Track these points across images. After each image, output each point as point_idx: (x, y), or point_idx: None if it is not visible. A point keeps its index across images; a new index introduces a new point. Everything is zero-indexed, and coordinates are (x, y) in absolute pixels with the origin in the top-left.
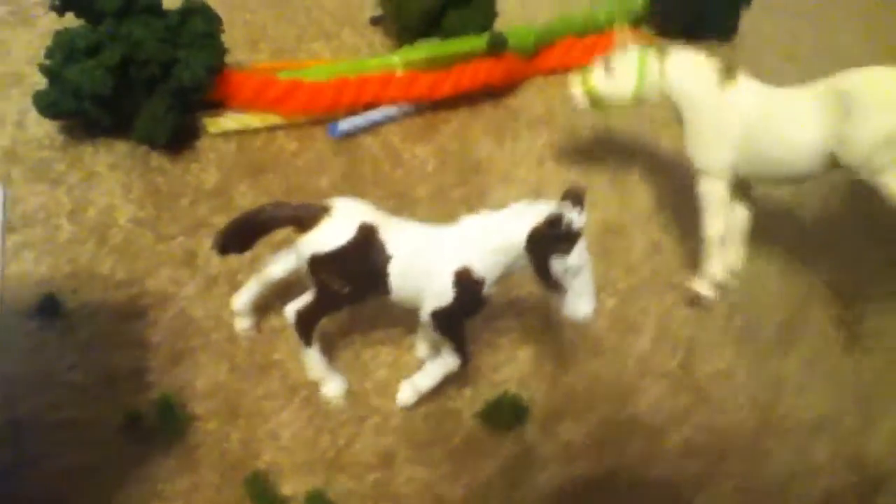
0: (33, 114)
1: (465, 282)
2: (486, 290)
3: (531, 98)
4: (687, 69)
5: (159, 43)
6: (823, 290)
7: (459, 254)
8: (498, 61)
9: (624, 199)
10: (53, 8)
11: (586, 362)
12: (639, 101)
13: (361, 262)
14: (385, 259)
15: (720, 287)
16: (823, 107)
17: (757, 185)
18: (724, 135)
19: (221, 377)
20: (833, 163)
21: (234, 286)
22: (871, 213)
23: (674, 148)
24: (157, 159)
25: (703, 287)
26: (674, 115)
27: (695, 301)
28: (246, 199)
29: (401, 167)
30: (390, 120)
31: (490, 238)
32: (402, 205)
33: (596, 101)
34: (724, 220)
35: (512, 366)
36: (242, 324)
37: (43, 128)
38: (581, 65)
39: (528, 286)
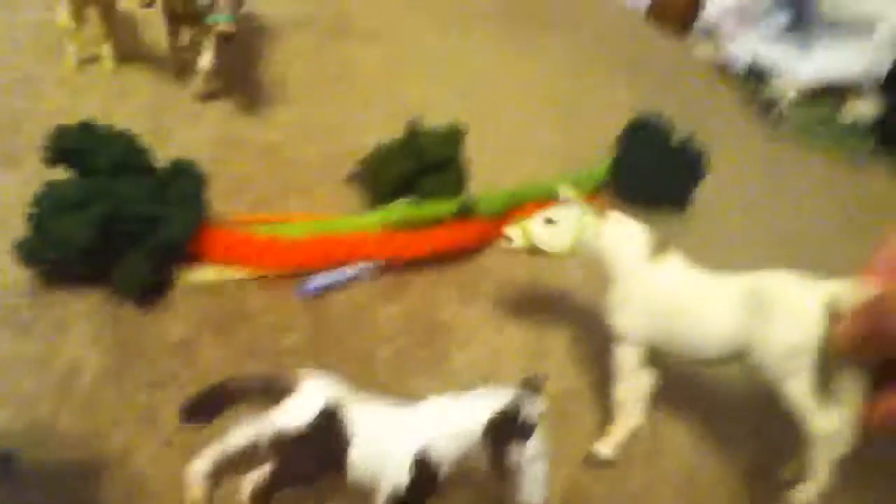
0: (8, 260)
1: (423, 465)
2: (442, 474)
3: (497, 259)
4: (621, 236)
5: (146, 201)
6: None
7: (419, 436)
8: (468, 224)
9: (583, 364)
10: (46, 161)
11: None
12: (572, 255)
13: (322, 447)
14: (345, 445)
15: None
16: (741, 302)
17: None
18: (644, 308)
19: None
20: (742, 356)
21: (191, 447)
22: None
23: None
24: (127, 310)
25: (605, 447)
26: (601, 275)
27: (593, 460)
28: (211, 353)
29: (367, 326)
30: (360, 278)
31: (451, 424)
32: (364, 366)
33: (531, 248)
34: (634, 385)
35: None
36: (195, 494)
37: (16, 273)
38: None
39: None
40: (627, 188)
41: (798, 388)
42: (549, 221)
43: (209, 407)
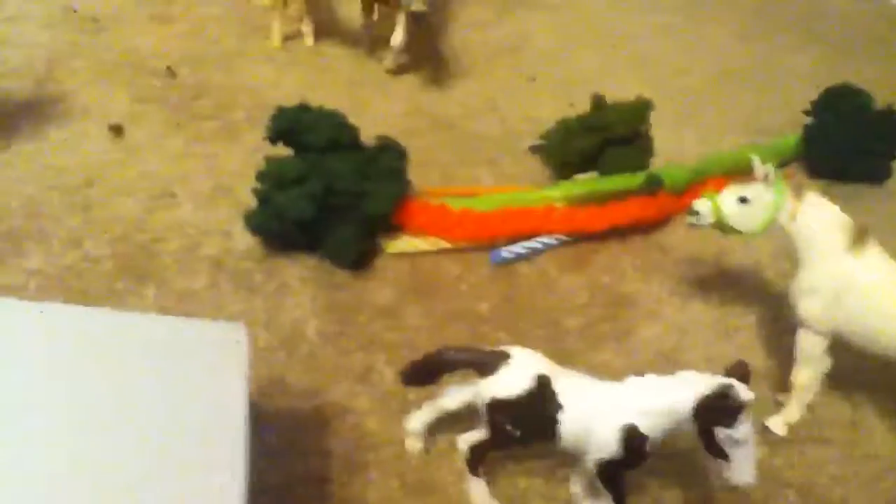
0: (239, 227)
1: (631, 438)
2: (650, 446)
3: (679, 235)
4: (819, 220)
5: (355, 176)
6: None
7: (628, 411)
8: (651, 199)
9: (765, 342)
10: (269, 139)
11: None
12: (759, 233)
13: (535, 412)
14: (557, 410)
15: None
16: None
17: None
18: (835, 298)
19: (393, 493)
20: None
21: (406, 403)
22: None
23: None
24: (340, 275)
25: (777, 426)
26: (791, 256)
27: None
28: (413, 317)
29: (554, 296)
30: (546, 249)
31: (658, 400)
32: (553, 334)
33: (719, 224)
34: (816, 372)
35: None
36: (414, 444)
37: (246, 241)
38: None
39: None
40: (820, 160)
41: None
42: (743, 200)
43: (427, 373)
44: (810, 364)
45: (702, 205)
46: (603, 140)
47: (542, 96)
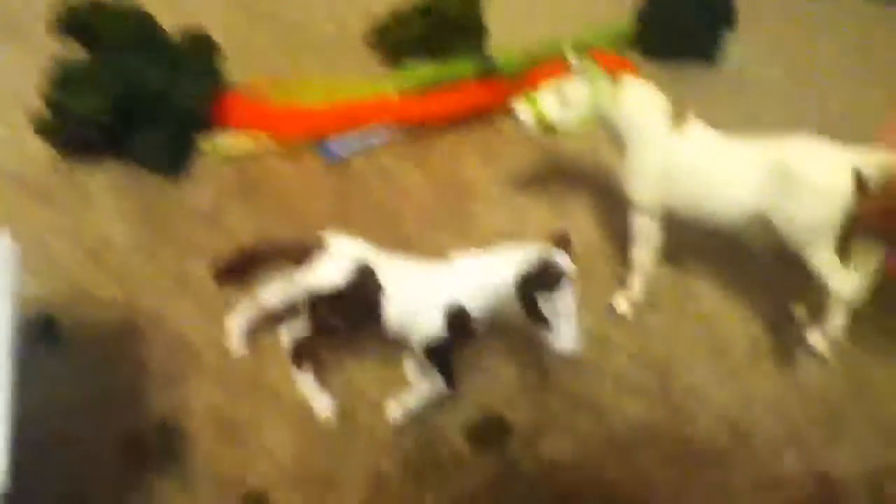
0: (28, 133)
1: (456, 318)
2: (476, 325)
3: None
4: (639, 103)
5: (159, 71)
6: (788, 308)
7: (450, 291)
8: (488, 85)
9: (601, 221)
10: (57, 31)
11: (568, 381)
12: (586, 128)
13: (358, 299)
14: (379, 297)
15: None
16: (764, 172)
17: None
18: (662, 176)
19: (216, 398)
20: (762, 223)
21: (227, 307)
22: None
23: None
24: (152, 181)
25: (620, 305)
26: (615, 144)
27: (610, 313)
28: (238, 222)
29: (391, 189)
30: (382, 142)
31: (481, 277)
32: (391, 228)
33: (544, 127)
34: (651, 249)
35: (496, 386)
36: (235, 345)
37: (44, 151)
38: None
39: None
40: (652, 41)
41: (820, 255)
42: (561, 96)
43: (240, 269)
44: (646, 242)
45: (522, 111)
46: (435, 26)
47: None
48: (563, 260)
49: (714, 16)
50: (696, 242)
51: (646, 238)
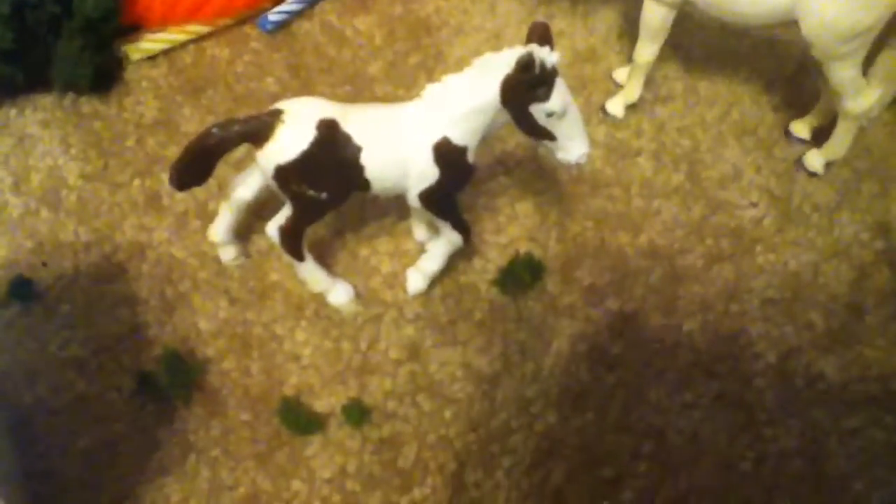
0: None
1: (447, 154)
2: (470, 156)
3: None
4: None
5: None
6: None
7: (432, 126)
8: None
9: (587, 22)
10: None
11: (590, 200)
12: None
13: (331, 163)
14: (355, 152)
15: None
16: None
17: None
18: None
19: (223, 313)
20: (789, 23)
21: (208, 217)
22: None
23: None
24: (87, 104)
25: (616, 108)
26: None
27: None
28: (192, 122)
29: (346, 47)
30: None
31: (461, 102)
32: (358, 87)
33: None
34: (657, 46)
35: (515, 224)
36: (227, 254)
37: None
38: None
39: (511, 139)
40: None
41: (844, 71)
42: None
43: (197, 167)
44: (654, 36)
45: None
46: None
47: None
48: (547, 56)
49: None
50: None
51: (655, 31)
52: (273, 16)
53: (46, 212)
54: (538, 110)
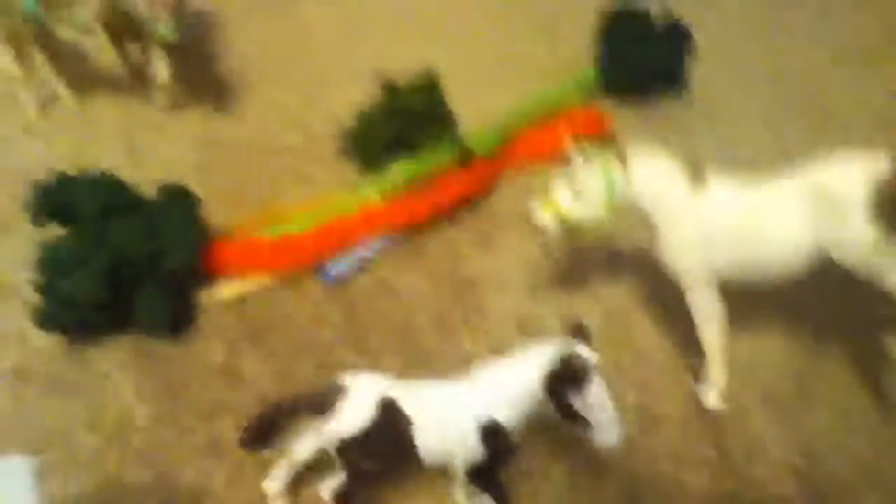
0: (30, 325)
1: (492, 434)
2: (515, 437)
3: (506, 197)
4: (655, 176)
5: (143, 236)
6: (836, 345)
7: (480, 408)
8: (468, 171)
9: (622, 286)
10: (34, 222)
11: (621, 464)
12: (611, 214)
13: (387, 439)
14: (410, 430)
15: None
16: (807, 203)
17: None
18: (703, 243)
19: None
20: (826, 257)
21: (263, 466)
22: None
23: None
24: (161, 348)
25: (713, 400)
26: (642, 220)
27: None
28: (255, 368)
29: (397, 300)
30: (377, 253)
31: (506, 388)
32: (405, 338)
33: (568, 226)
34: (719, 324)
35: (548, 486)
36: None
37: (46, 339)
38: (546, 153)
39: None
40: (617, 83)
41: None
42: (575, 192)
43: (266, 432)
44: (711, 318)
45: (542, 217)
46: (404, 123)
47: (337, 93)
48: (585, 351)
49: (672, 44)
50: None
51: (709, 313)
52: (334, 269)
53: (115, 452)
54: (576, 400)
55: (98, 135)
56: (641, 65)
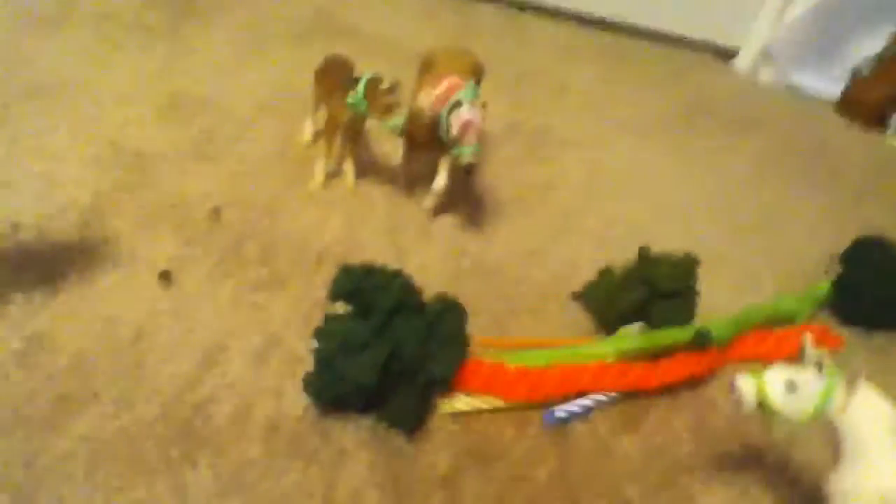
0: (291, 385)
1: None
2: None
3: (725, 390)
4: (870, 418)
5: (419, 340)
6: None
7: None
8: (700, 354)
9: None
10: (331, 298)
11: None
12: (806, 421)
13: None
14: None
15: None
16: None
17: None
18: (885, 499)
19: None
20: None
21: None
22: None
23: None
24: (397, 439)
25: None
26: (833, 449)
27: None
28: (474, 488)
29: (609, 460)
30: (599, 407)
31: None
32: (612, 498)
33: (765, 409)
34: None
35: None
36: None
37: (299, 400)
38: (770, 356)
39: None
40: (851, 310)
41: None
42: (791, 385)
43: None
44: None
45: (745, 383)
46: (652, 293)
47: (579, 239)
48: None
49: None
50: None
51: None
52: (559, 412)
53: None
54: None
55: (366, 222)
56: (881, 298)
